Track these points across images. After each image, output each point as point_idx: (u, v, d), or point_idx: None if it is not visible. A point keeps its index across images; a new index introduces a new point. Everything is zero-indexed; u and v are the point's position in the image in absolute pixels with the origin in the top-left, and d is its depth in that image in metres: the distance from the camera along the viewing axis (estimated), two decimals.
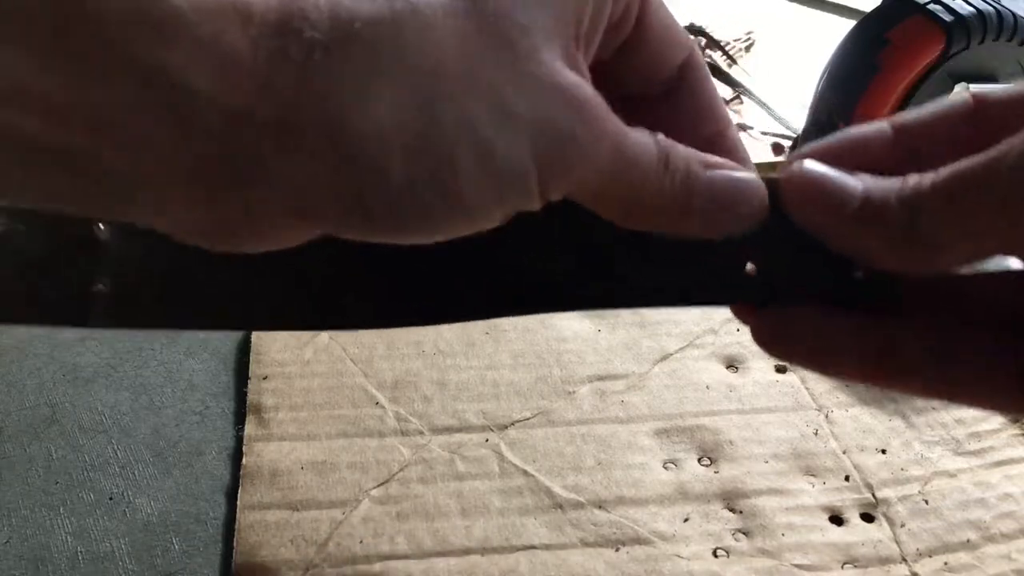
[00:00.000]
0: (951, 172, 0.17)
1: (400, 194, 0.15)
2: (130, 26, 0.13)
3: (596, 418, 0.37)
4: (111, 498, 0.33)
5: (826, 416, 0.37)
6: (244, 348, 0.40)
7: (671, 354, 0.40)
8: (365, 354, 0.40)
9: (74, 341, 0.40)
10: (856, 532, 0.33)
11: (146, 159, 0.14)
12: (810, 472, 0.35)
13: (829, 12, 0.77)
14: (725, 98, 0.62)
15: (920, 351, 0.18)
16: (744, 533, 0.32)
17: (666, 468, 0.35)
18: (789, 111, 0.60)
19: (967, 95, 0.19)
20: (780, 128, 0.59)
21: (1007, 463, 0.35)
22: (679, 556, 0.31)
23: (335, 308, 0.21)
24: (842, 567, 0.31)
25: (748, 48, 0.69)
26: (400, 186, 0.15)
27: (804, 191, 0.19)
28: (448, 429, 0.36)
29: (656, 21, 0.20)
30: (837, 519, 0.33)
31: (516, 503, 0.33)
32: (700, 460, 0.35)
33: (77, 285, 0.19)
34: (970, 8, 0.45)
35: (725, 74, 0.63)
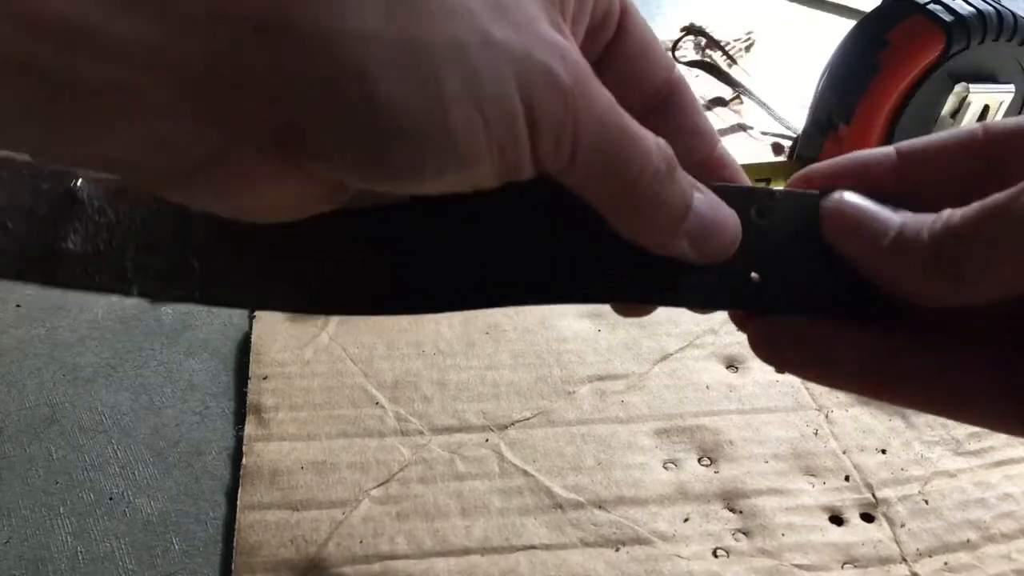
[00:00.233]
0: (980, 207, 0.17)
1: (383, 109, 0.14)
2: None
3: (596, 418, 0.37)
4: (111, 498, 0.33)
5: (826, 416, 0.37)
6: (244, 348, 0.40)
7: (671, 354, 0.40)
8: (365, 354, 0.40)
9: (74, 341, 0.40)
10: (856, 532, 0.33)
11: (126, 66, 0.13)
12: (810, 472, 0.35)
13: (829, 12, 0.77)
14: (724, 98, 0.62)
15: (924, 363, 0.18)
16: (744, 533, 0.32)
17: (666, 468, 0.35)
18: (789, 111, 0.60)
19: (978, 127, 0.19)
20: (780, 128, 0.59)
21: (1007, 463, 0.35)
22: (679, 556, 0.31)
23: (318, 288, 0.21)
24: (842, 567, 0.31)
25: (748, 48, 0.69)
26: (384, 100, 0.14)
27: (843, 222, 0.19)
28: (448, 429, 0.36)
29: (637, 31, 0.20)
30: (837, 519, 0.33)
31: (516, 503, 0.33)
32: (700, 460, 0.35)
33: (46, 240, 0.19)
34: (970, 8, 0.45)
35: (725, 74, 0.63)
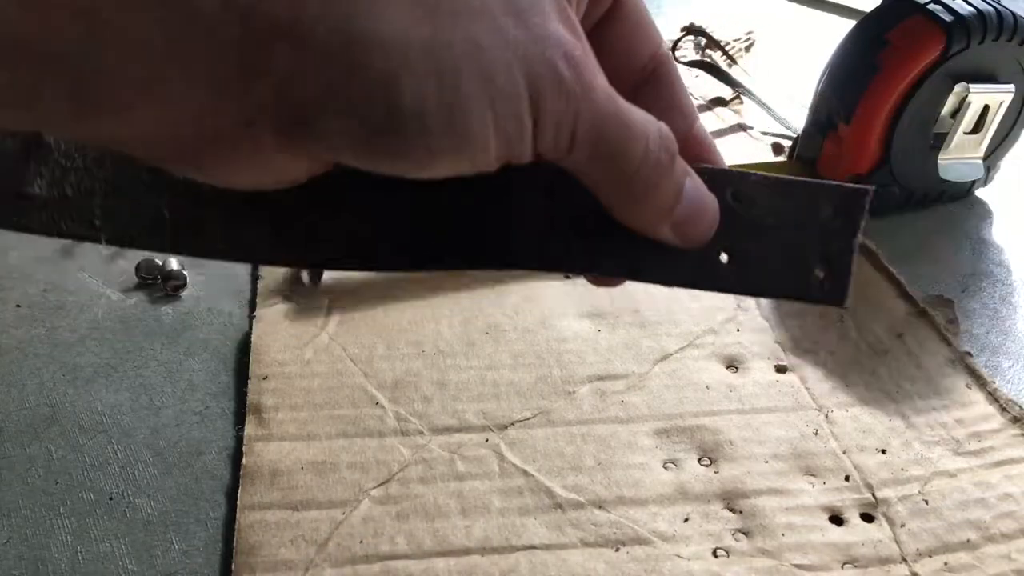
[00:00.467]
0: None
1: (407, 113, 0.15)
2: None
3: (596, 418, 0.37)
4: (111, 498, 0.33)
5: (826, 416, 0.37)
6: (244, 348, 0.40)
7: (671, 354, 0.40)
8: (365, 354, 0.40)
9: (74, 341, 0.40)
10: (856, 532, 0.33)
11: (144, 54, 0.13)
12: (810, 472, 0.35)
13: (829, 12, 0.77)
14: (724, 98, 0.62)
15: None
16: (744, 533, 0.32)
17: (666, 468, 0.35)
18: (789, 111, 0.60)
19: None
20: (780, 128, 0.59)
21: (1007, 463, 0.35)
22: (679, 556, 0.31)
23: (296, 241, 0.21)
24: (842, 567, 0.31)
25: (748, 48, 0.69)
26: (408, 103, 0.14)
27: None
28: (448, 429, 0.36)
29: (631, 5, 0.20)
30: (837, 519, 0.33)
31: (516, 503, 0.33)
32: (700, 460, 0.35)
33: (10, 184, 0.19)
34: (970, 8, 0.45)
35: (725, 74, 0.63)
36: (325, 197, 0.20)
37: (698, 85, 0.64)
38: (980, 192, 0.53)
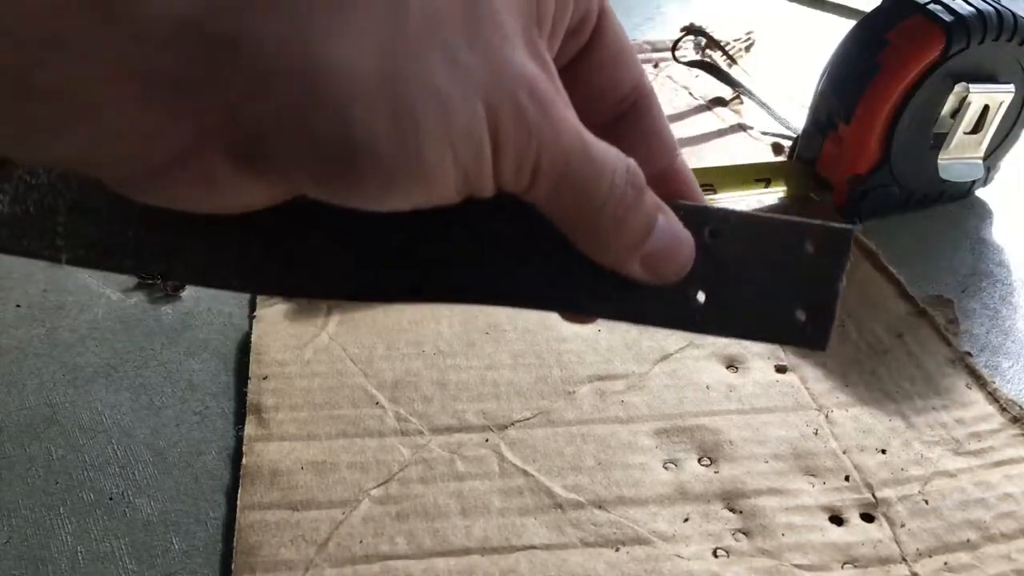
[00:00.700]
0: None
1: (358, 141, 0.14)
2: None
3: (596, 418, 0.37)
4: (111, 498, 0.33)
5: (826, 416, 0.37)
6: (244, 348, 0.40)
7: (671, 354, 0.40)
8: (365, 354, 0.40)
9: (74, 341, 0.40)
10: (856, 532, 0.33)
11: (87, 66, 0.13)
12: (810, 472, 0.35)
13: (829, 12, 0.77)
14: (724, 98, 0.62)
15: None
16: (744, 533, 0.32)
17: (666, 468, 0.35)
18: (789, 111, 0.60)
19: None
20: (780, 128, 0.59)
21: (1007, 463, 0.35)
22: (679, 556, 0.31)
23: (273, 267, 0.20)
24: (842, 567, 0.31)
25: (748, 48, 0.69)
26: (359, 132, 0.14)
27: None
28: (448, 429, 0.36)
29: (612, 36, 0.20)
30: (837, 519, 0.33)
31: (516, 503, 0.33)
32: (700, 460, 0.35)
33: None
34: (970, 8, 0.45)
35: (725, 74, 0.63)
36: (296, 223, 0.20)
37: (698, 85, 0.64)
38: (980, 192, 0.53)
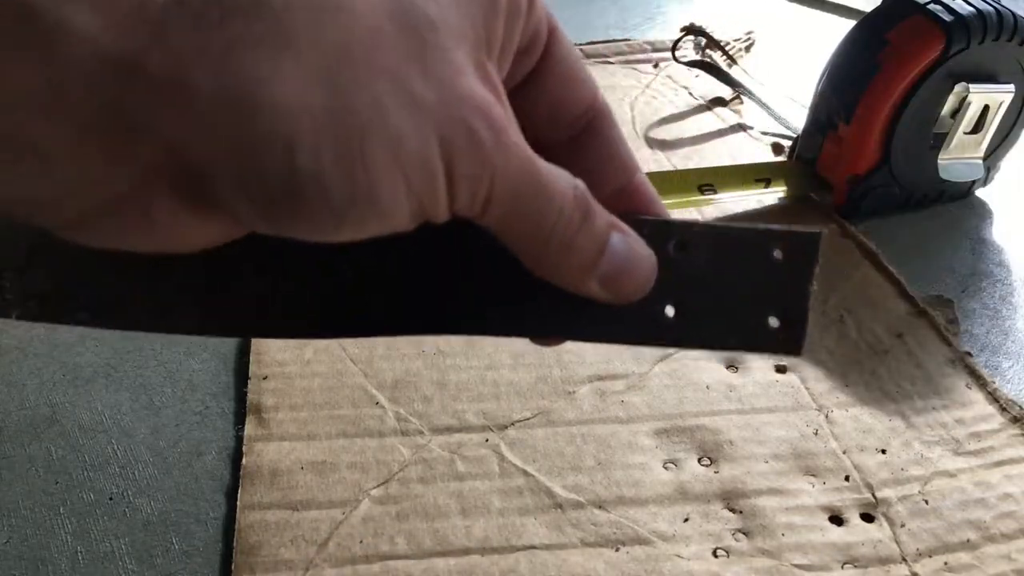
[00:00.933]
0: None
1: (307, 179, 0.14)
2: None
3: (596, 418, 0.37)
4: (111, 498, 0.33)
5: (826, 416, 0.37)
6: (244, 348, 0.40)
7: (671, 354, 0.40)
8: (365, 354, 0.40)
9: (74, 341, 0.40)
10: (856, 532, 0.33)
11: (16, 107, 0.12)
12: (810, 472, 0.35)
13: (829, 12, 0.77)
14: (724, 98, 0.62)
15: None
16: (744, 533, 0.32)
17: (666, 468, 0.35)
18: (789, 111, 0.60)
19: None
20: (780, 128, 0.59)
21: (1007, 463, 0.35)
22: (679, 556, 0.31)
23: (224, 310, 0.20)
24: (842, 567, 0.31)
25: (748, 48, 0.69)
26: (308, 170, 0.14)
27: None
28: (448, 429, 0.36)
29: (562, 54, 0.19)
30: (837, 519, 0.33)
31: (516, 503, 0.33)
32: (700, 460, 0.35)
33: None
34: (970, 8, 0.45)
35: (725, 74, 0.63)
36: (249, 264, 0.19)
37: (698, 85, 0.64)
38: (980, 192, 0.53)
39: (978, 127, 0.48)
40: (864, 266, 0.46)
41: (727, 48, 0.66)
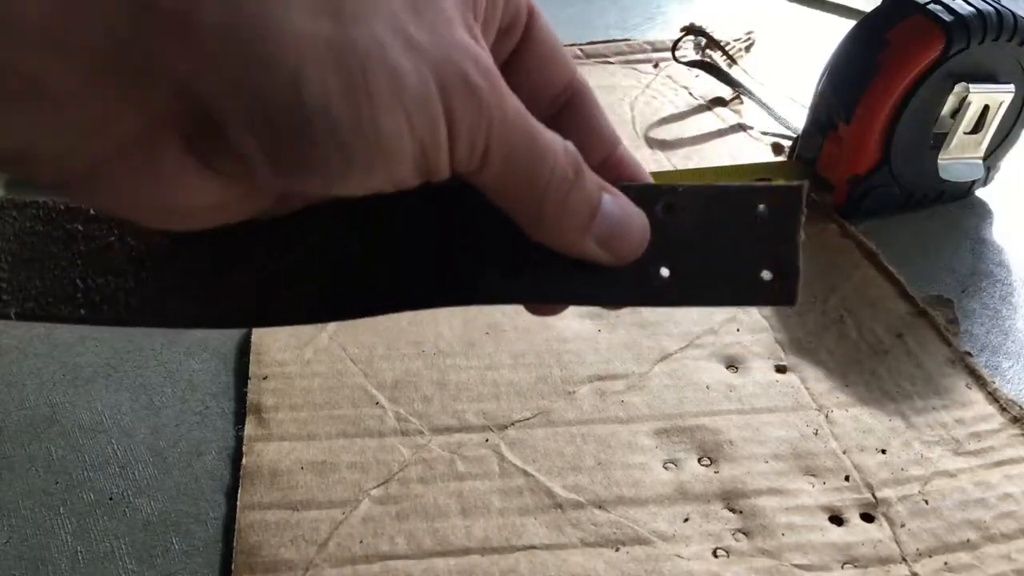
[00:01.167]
0: None
1: (313, 107, 0.14)
2: None
3: (596, 418, 0.37)
4: (111, 498, 0.33)
5: (826, 416, 0.37)
6: (244, 348, 0.40)
7: (671, 354, 0.40)
8: (365, 354, 0.40)
9: (74, 341, 0.40)
10: (856, 532, 0.33)
11: (28, 45, 0.12)
12: (810, 472, 0.35)
13: (829, 12, 0.77)
14: (724, 98, 0.62)
15: None
16: (744, 533, 0.32)
17: (666, 468, 0.35)
18: (789, 111, 0.60)
19: None
20: (780, 128, 0.59)
21: (1007, 463, 0.35)
22: (679, 556, 0.31)
23: (219, 302, 0.20)
24: (842, 567, 0.31)
25: (748, 48, 0.69)
26: (314, 98, 0.14)
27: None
28: (448, 429, 0.36)
29: (542, 36, 0.20)
30: (837, 519, 0.33)
31: (516, 503, 0.33)
32: (700, 460, 0.35)
33: None
34: (970, 8, 0.45)
35: (725, 74, 0.63)
36: (246, 250, 0.19)
37: (698, 85, 0.64)
38: (980, 192, 0.53)
39: (978, 127, 0.48)
40: (864, 266, 0.46)
41: (727, 48, 0.66)
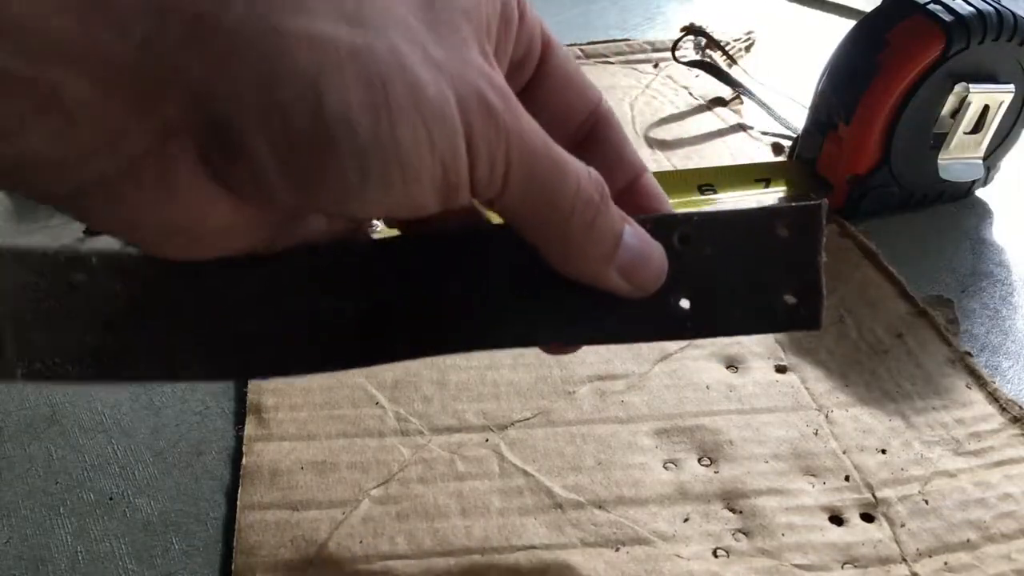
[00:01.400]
0: None
1: (331, 114, 0.14)
2: None
3: (596, 418, 0.37)
4: (111, 498, 0.33)
5: (826, 416, 0.37)
6: None
7: (671, 354, 0.40)
8: None
9: None
10: (856, 532, 0.33)
11: (44, 57, 0.12)
12: (810, 472, 0.35)
13: (829, 12, 0.77)
14: (724, 98, 0.62)
15: None
16: (744, 533, 0.32)
17: (666, 468, 0.35)
18: (789, 111, 0.60)
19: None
20: (780, 128, 0.59)
21: (1007, 463, 0.35)
22: (679, 556, 0.31)
23: (231, 353, 0.19)
24: (842, 567, 0.31)
25: (748, 48, 0.69)
26: (332, 112, 0.14)
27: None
28: (448, 429, 0.36)
29: (558, 66, 0.20)
30: (837, 519, 0.33)
31: (516, 503, 0.33)
32: (700, 460, 0.35)
33: None
34: (970, 8, 0.45)
35: (725, 74, 0.63)
36: (254, 303, 0.19)
37: (698, 85, 0.64)
38: (980, 192, 0.53)
39: (978, 127, 0.48)
40: (864, 266, 0.46)
41: (727, 48, 0.66)
